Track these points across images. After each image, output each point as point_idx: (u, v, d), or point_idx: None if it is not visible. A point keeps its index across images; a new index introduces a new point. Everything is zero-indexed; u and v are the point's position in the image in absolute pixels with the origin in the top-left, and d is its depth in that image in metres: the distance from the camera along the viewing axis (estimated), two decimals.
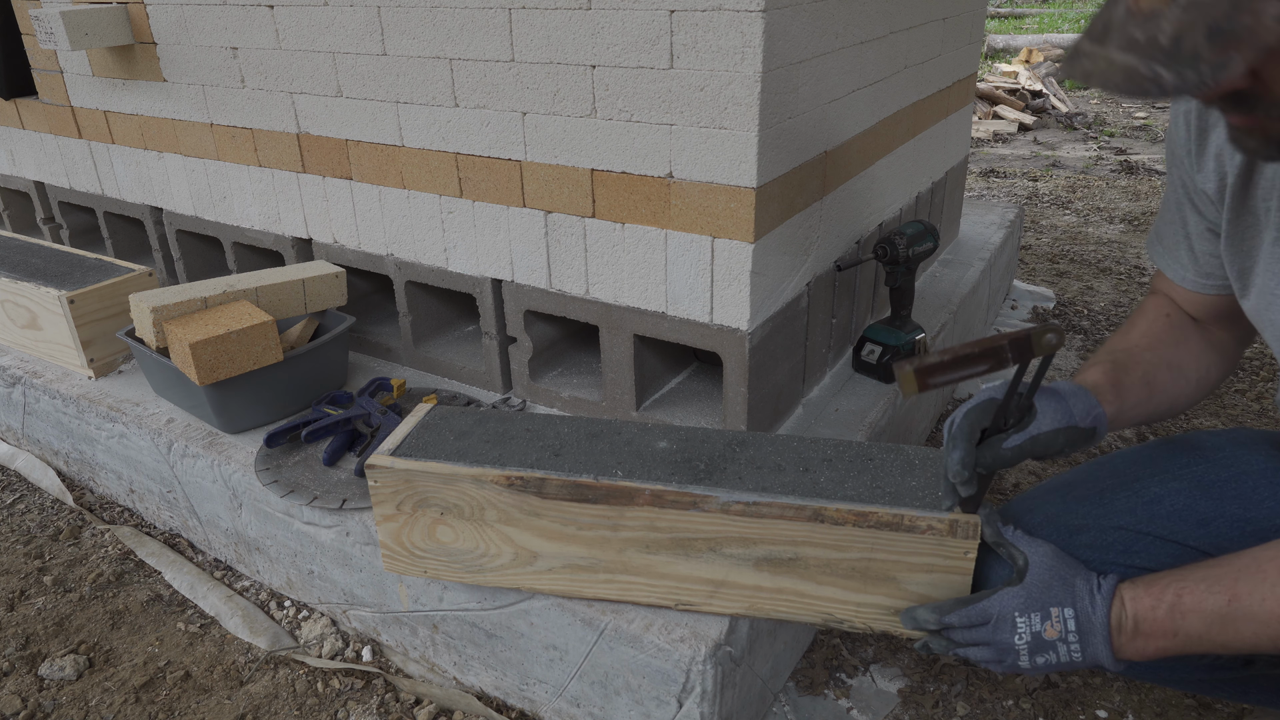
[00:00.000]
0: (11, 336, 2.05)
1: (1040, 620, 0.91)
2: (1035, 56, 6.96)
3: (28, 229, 2.74)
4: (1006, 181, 4.33)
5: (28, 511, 1.91)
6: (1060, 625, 0.91)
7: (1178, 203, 1.04)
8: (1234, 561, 0.86)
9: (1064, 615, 0.91)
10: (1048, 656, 0.92)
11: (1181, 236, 1.06)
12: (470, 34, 1.46)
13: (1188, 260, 1.07)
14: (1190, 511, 1.00)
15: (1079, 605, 0.91)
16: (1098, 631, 0.89)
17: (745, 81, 1.24)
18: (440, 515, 1.18)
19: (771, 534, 1.07)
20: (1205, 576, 0.86)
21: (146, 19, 1.94)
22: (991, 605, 0.94)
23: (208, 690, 1.44)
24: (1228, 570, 0.86)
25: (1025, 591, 0.93)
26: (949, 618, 0.97)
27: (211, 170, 2.04)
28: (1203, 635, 0.85)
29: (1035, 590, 0.93)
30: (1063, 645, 0.91)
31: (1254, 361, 2.40)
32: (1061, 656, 0.91)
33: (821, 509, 1.04)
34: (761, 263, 1.38)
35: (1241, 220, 0.95)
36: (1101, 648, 0.89)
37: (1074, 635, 0.90)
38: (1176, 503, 1.00)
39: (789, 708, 1.36)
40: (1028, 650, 0.92)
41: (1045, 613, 0.91)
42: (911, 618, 1.01)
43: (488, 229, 1.62)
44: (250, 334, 1.56)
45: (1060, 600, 0.91)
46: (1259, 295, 0.94)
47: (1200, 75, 0.65)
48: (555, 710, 1.33)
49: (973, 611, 0.95)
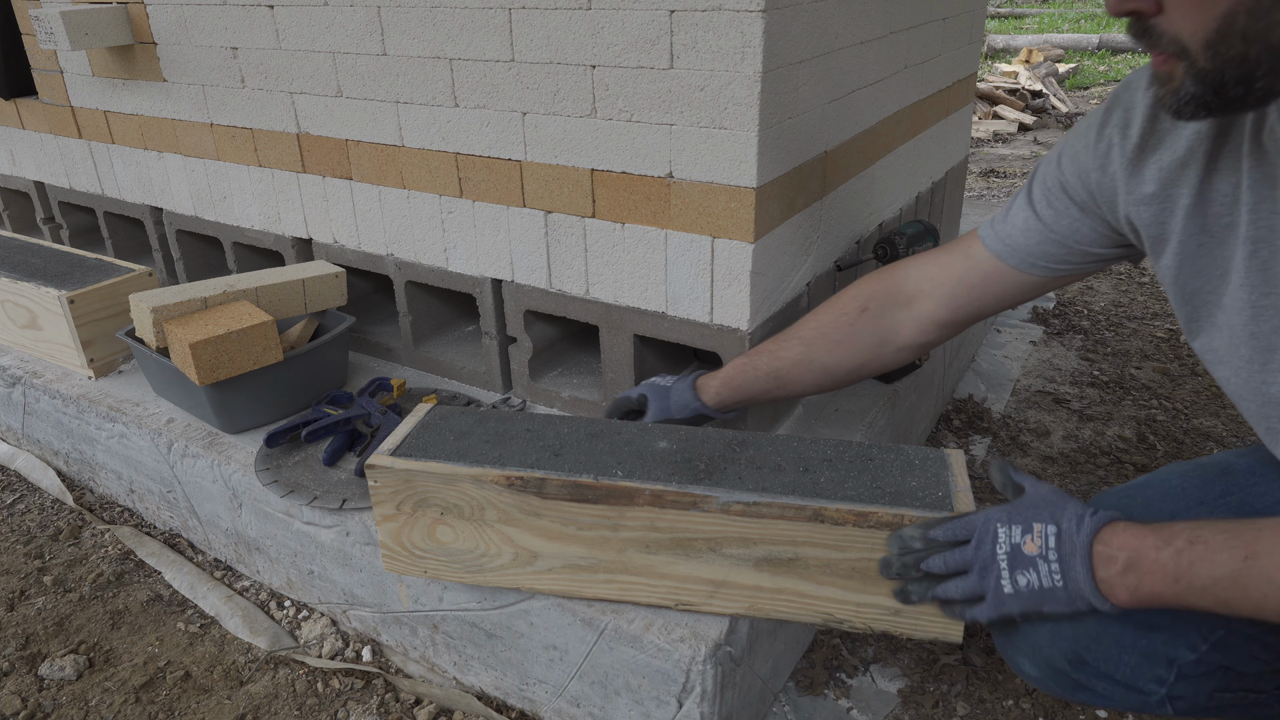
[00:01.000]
0: (11, 336, 2.05)
1: (1021, 533, 0.89)
2: (1035, 56, 6.96)
3: (28, 229, 2.74)
4: (1006, 181, 4.33)
5: (28, 511, 1.91)
6: (1041, 541, 0.87)
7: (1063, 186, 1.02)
8: (1259, 520, 0.81)
9: (1046, 531, 0.88)
10: (1029, 576, 0.88)
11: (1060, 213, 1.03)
12: (470, 34, 1.46)
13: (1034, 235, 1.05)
14: None
15: (1063, 524, 0.87)
16: (1078, 553, 0.86)
17: (745, 81, 1.24)
18: (440, 515, 1.18)
19: (771, 534, 1.07)
20: (1225, 529, 0.81)
21: (146, 19, 1.94)
22: (976, 518, 0.93)
23: (208, 690, 1.44)
24: (1249, 526, 0.80)
25: (1011, 507, 0.92)
26: (934, 531, 0.96)
27: (211, 170, 2.04)
28: (1207, 589, 0.80)
29: (1022, 506, 0.91)
30: (1043, 564, 0.87)
31: None
32: (1042, 577, 0.87)
33: (821, 509, 1.04)
34: (761, 263, 1.38)
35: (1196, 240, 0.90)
36: (1082, 571, 0.85)
37: (1054, 553, 0.87)
38: None
39: (789, 708, 1.36)
40: (1007, 564, 0.89)
41: (1027, 526, 0.89)
42: (898, 538, 0.99)
43: (488, 229, 1.62)
44: (250, 334, 1.56)
45: (1044, 518, 0.89)
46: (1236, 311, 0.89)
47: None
48: (555, 710, 1.33)
49: (957, 524, 0.94)
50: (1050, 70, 6.54)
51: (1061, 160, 1.02)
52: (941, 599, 0.97)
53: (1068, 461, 1.98)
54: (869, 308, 1.20)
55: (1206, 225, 0.89)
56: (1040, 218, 1.04)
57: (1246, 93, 0.71)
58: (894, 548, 1.00)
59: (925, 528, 0.98)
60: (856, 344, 1.22)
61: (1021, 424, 2.13)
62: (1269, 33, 0.67)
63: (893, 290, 1.19)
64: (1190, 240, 0.91)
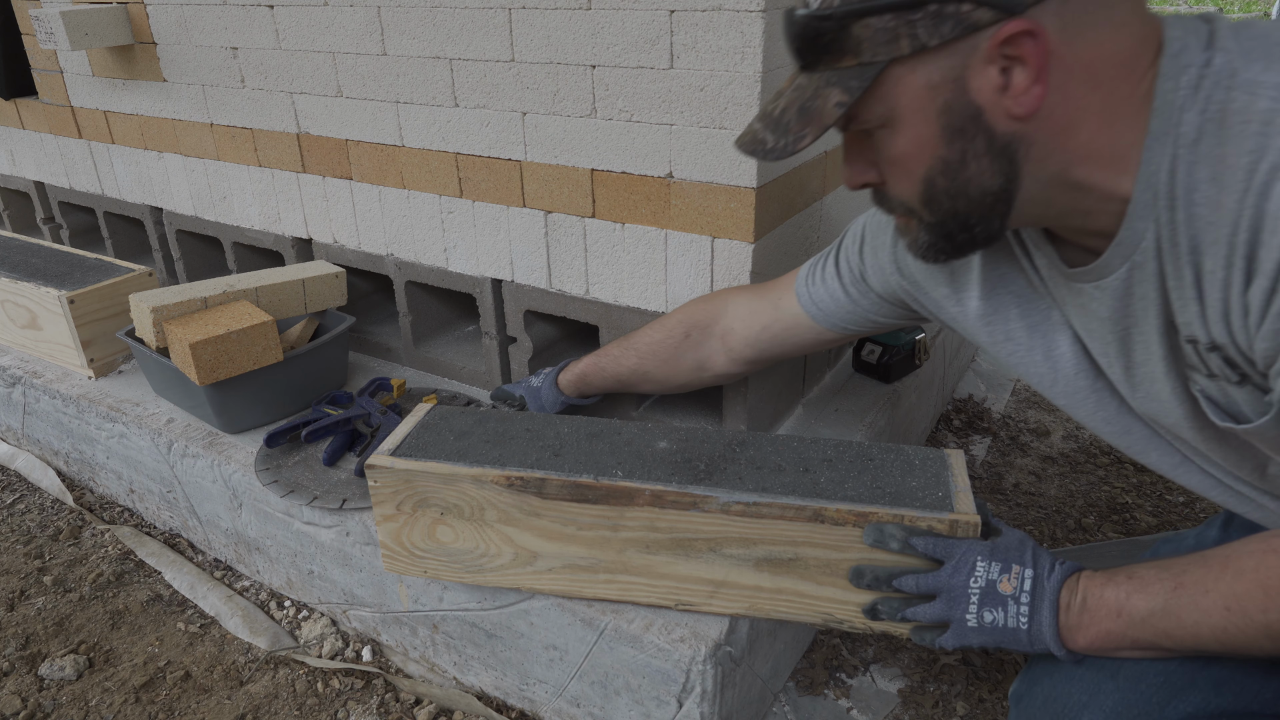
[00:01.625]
0: (11, 336, 2.05)
1: (999, 571, 0.92)
2: None
3: (28, 229, 2.74)
4: None
5: (28, 511, 1.91)
6: (1016, 583, 0.91)
7: (864, 277, 1.15)
8: (1189, 556, 0.87)
9: (1023, 574, 0.91)
10: (995, 615, 0.92)
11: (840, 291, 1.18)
12: (470, 34, 1.46)
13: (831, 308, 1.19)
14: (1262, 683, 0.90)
15: (1039, 569, 0.92)
16: (1047, 598, 0.90)
17: (745, 81, 1.24)
18: (440, 515, 1.18)
19: (772, 534, 1.07)
20: (1157, 565, 0.87)
21: (146, 19, 1.94)
22: (958, 544, 0.96)
23: (208, 690, 1.44)
24: (1179, 561, 0.86)
25: (991, 545, 0.95)
26: (915, 540, 0.98)
27: (211, 170, 2.04)
28: (1146, 619, 0.84)
29: (1000, 547, 0.94)
30: (1013, 604, 0.91)
31: None
32: (1009, 618, 0.91)
33: (822, 509, 1.04)
34: (762, 263, 1.38)
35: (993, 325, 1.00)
36: (1047, 616, 0.89)
37: (1026, 596, 0.91)
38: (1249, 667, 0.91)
39: (789, 708, 1.36)
40: (978, 599, 0.92)
41: (1006, 566, 0.92)
42: (877, 529, 1.01)
43: (488, 229, 1.62)
44: (250, 334, 1.56)
45: (1022, 561, 0.92)
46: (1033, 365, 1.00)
47: (787, 142, 0.81)
48: (555, 710, 1.33)
49: (940, 542, 0.96)
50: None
51: (864, 253, 1.15)
52: (909, 619, 0.99)
53: (1068, 461, 1.98)
54: (690, 334, 1.33)
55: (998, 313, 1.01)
56: (848, 294, 1.18)
57: (971, 237, 0.83)
58: (869, 539, 1.01)
59: (909, 531, 0.99)
60: (680, 365, 1.35)
61: (1021, 424, 2.13)
62: (966, 188, 0.79)
63: (710, 322, 1.32)
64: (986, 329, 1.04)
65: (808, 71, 0.81)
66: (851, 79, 0.77)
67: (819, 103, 0.79)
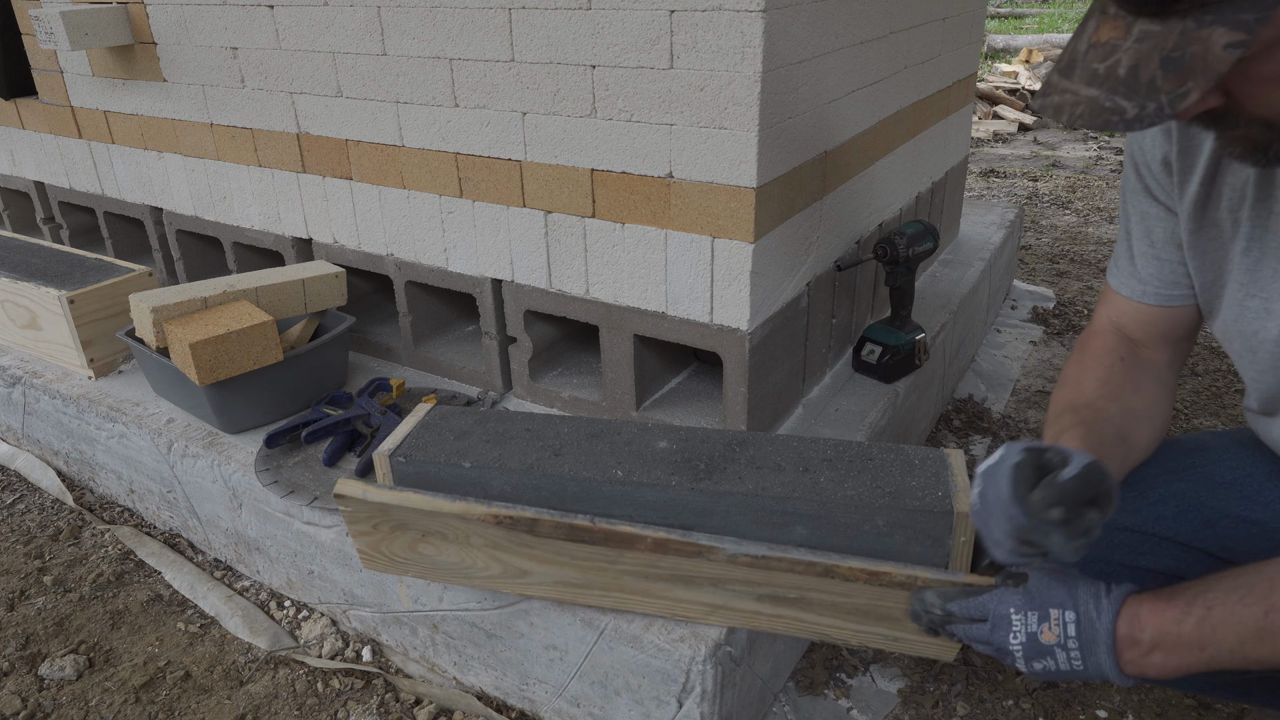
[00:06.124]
0: (11, 336, 2.05)
1: (1038, 621, 0.86)
2: (1035, 56, 6.96)
3: (28, 229, 2.74)
4: (1006, 181, 4.33)
5: (28, 511, 1.91)
6: (1059, 629, 0.85)
7: (1157, 212, 1.01)
8: (1265, 570, 0.81)
9: (1064, 619, 0.85)
10: (1045, 663, 0.86)
11: (1163, 240, 1.02)
12: (470, 34, 1.46)
13: (1151, 272, 1.04)
14: (1196, 513, 0.99)
15: (1081, 609, 0.85)
16: (1101, 640, 0.83)
17: (745, 81, 1.24)
18: (422, 536, 1.17)
19: (778, 580, 1.06)
20: (1236, 586, 0.81)
21: (146, 19, 1.94)
22: (990, 600, 0.91)
23: (208, 690, 1.44)
24: (1260, 579, 0.80)
25: (1024, 594, 0.89)
26: (951, 605, 0.95)
27: (211, 170, 2.04)
28: (1235, 650, 0.79)
29: (1034, 589, 0.88)
30: (1061, 652, 0.85)
31: None
32: (1061, 665, 0.86)
33: (833, 566, 1.01)
34: (761, 263, 1.38)
35: (1205, 231, 0.93)
36: (1105, 658, 0.83)
37: (1074, 641, 0.84)
38: (1183, 504, 1.00)
39: (789, 708, 1.36)
40: (1023, 655, 0.87)
41: (1044, 613, 0.86)
42: (921, 600, 0.98)
43: (488, 229, 1.62)
44: (250, 334, 1.56)
45: (1060, 602, 0.86)
46: (1229, 307, 0.92)
47: (1160, 105, 0.67)
48: (555, 710, 1.33)
49: (972, 604, 0.92)
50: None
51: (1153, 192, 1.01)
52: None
53: None
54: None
55: (1211, 218, 0.91)
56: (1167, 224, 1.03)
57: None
58: (917, 606, 0.99)
59: (944, 597, 0.96)
60: None
61: (1021, 424, 2.13)
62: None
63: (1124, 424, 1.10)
64: (1196, 232, 0.94)
65: (1155, 18, 0.67)
66: (1244, 12, 0.64)
67: (1197, 49, 0.65)
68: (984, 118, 5.64)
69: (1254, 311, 0.89)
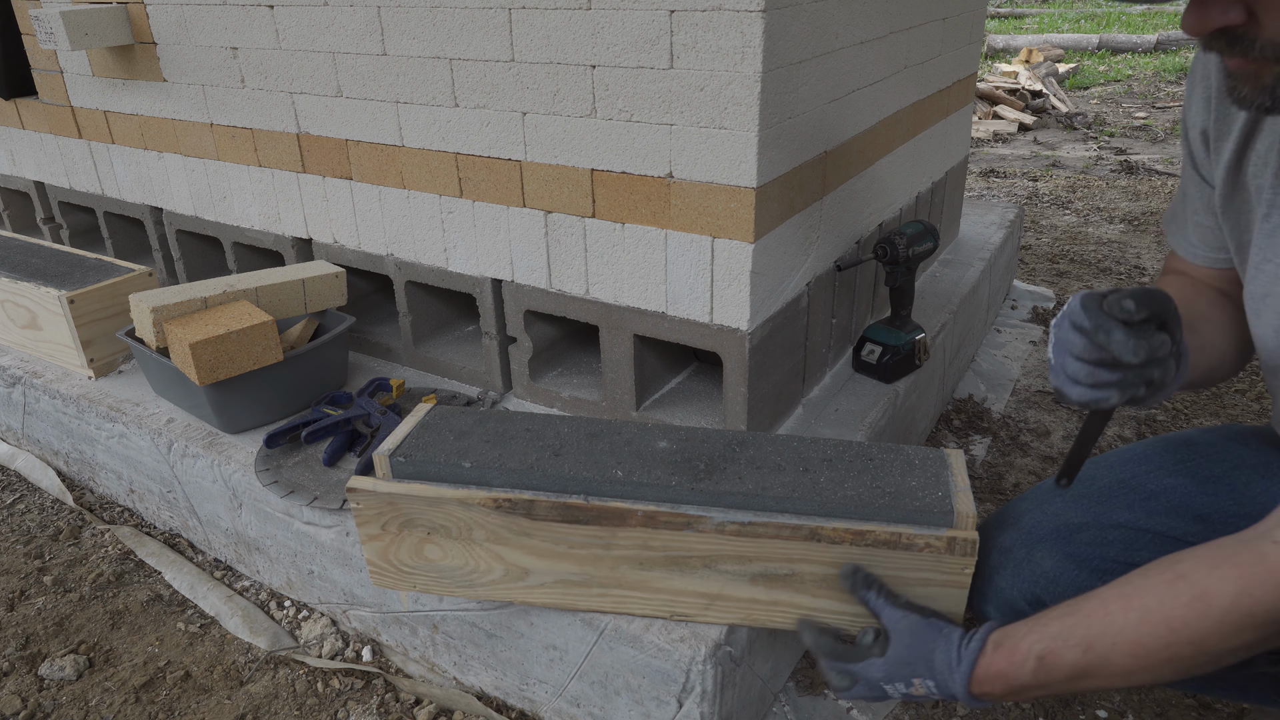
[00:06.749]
0: (11, 336, 2.05)
1: (905, 686, 0.99)
2: (1035, 56, 6.95)
3: (28, 229, 2.74)
4: (1006, 181, 4.33)
5: (28, 511, 1.91)
6: (925, 689, 0.98)
7: (1195, 180, 1.04)
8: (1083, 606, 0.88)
9: (926, 685, 0.97)
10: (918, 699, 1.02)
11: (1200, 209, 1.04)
12: (470, 34, 1.46)
13: (1195, 237, 1.07)
14: (1187, 507, 1.01)
15: (938, 678, 0.96)
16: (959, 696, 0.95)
17: (745, 81, 1.24)
18: (427, 535, 1.17)
19: (767, 552, 1.07)
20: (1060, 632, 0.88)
21: (146, 19, 1.94)
22: (860, 670, 1.01)
23: (208, 690, 1.44)
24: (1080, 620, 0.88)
25: (886, 665, 0.99)
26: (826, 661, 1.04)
27: (211, 170, 2.04)
28: (1066, 685, 0.89)
29: (894, 665, 0.99)
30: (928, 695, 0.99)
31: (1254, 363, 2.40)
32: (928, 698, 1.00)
33: (818, 528, 1.03)
34: (761, 263, 1.38)
35: (1236, 196, 0.96)
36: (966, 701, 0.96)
37: (936, 694, 0.98)
38: (1174, 499, 1.01)
39: (789, 708, 1.36)
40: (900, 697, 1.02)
41: (908, 682, 0.98)
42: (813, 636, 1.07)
43: (488, 229, 1.62)
44: (250, 334, 1.56)
45: (921, 673, 0.97)
46: (1251, 272, 0.94)
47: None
48: (555, 710, 1.33)
49: (860, 689, 1.02)
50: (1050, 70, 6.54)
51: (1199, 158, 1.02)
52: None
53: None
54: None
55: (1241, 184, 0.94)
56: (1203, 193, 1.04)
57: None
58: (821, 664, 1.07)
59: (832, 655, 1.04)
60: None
61: (1021, 424, 2.13)
62: None
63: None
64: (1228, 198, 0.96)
65: None
66: None
67: None
68: (984, 118, 5.65)
69: (1268, 275, 0.92)
